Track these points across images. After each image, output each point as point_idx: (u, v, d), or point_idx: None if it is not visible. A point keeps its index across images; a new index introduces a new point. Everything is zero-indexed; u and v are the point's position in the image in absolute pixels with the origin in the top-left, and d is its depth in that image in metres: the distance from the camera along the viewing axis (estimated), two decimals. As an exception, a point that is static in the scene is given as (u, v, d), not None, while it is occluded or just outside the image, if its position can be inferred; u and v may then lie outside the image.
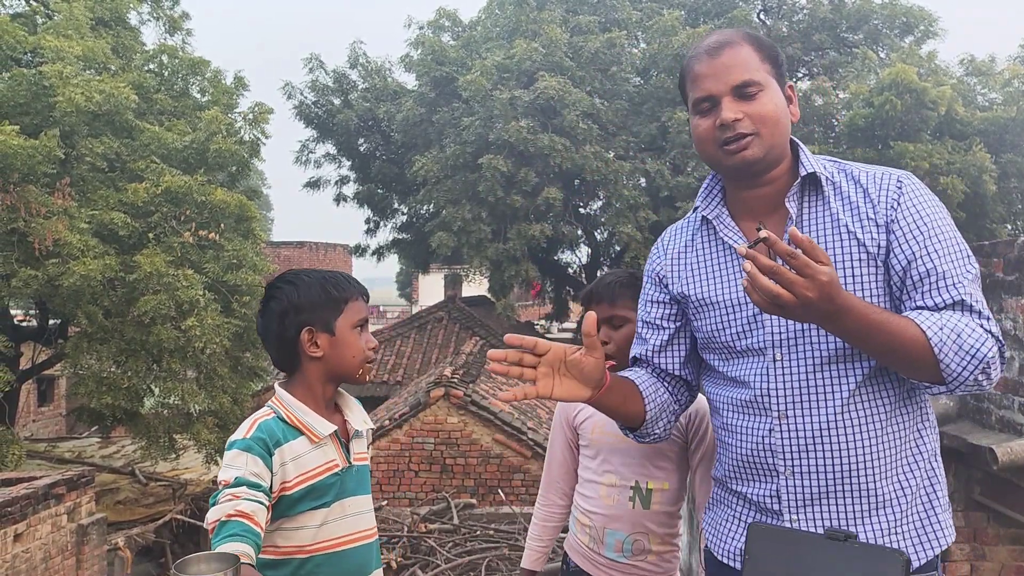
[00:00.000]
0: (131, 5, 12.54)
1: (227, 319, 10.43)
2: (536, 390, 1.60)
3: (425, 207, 16.32)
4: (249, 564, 1.57)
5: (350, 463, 1.86)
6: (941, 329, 1.47)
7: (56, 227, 9.33)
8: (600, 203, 16.30)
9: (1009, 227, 15.09)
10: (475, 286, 20.22)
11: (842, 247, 1.60)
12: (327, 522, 1.79)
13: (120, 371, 10.59)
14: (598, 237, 17.44)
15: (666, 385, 1.85)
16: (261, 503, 1.66)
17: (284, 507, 1.75)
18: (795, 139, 1.70)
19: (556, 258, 17.86)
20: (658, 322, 1.85)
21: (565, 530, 2.44)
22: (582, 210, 16.54)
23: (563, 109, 13.67)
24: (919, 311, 1.52)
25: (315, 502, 1.77)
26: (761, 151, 1.61)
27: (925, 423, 1.66)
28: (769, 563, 1.58)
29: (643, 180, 15.31)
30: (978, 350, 1.47)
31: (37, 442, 14.28)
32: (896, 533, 1.60)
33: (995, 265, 3.63)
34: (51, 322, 11.93)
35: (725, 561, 1.77)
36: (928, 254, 1.55)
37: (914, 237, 1.56)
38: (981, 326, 1.50)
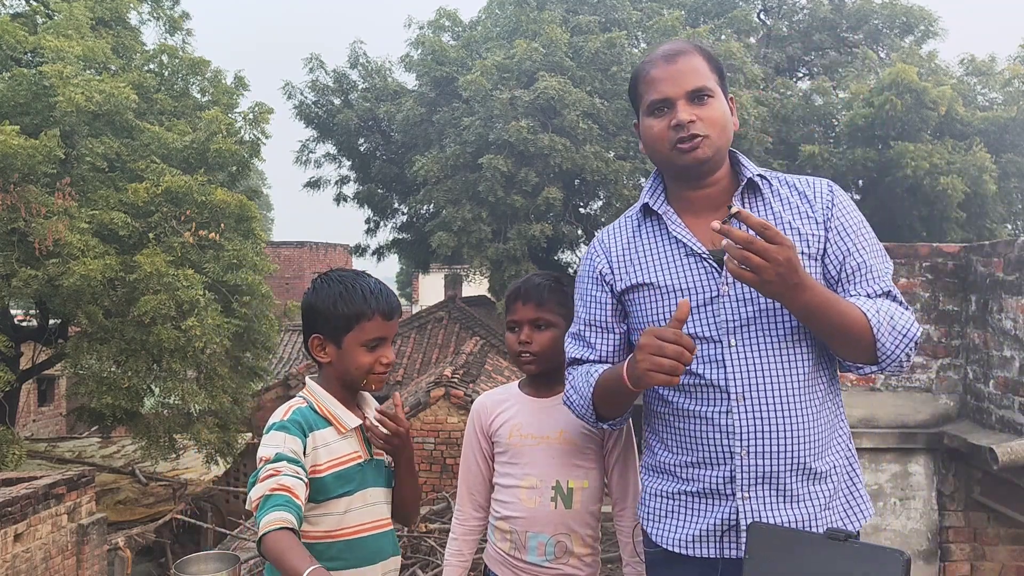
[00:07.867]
0: (131, 5, 12.54)
1: (227, 319, 10.43)
2: None
3: (425, 207, 16.27)
4: (291, 530, 1.61)
5: (371, 456, 1.96)
6: (878, 312, 1.66)
7: (56, 227, 9.33)
8: (600, 203, 16.27)
9: (1009, 227, 15.07)
10: (475, 286, 20.21)
11: None
12: (350, 510, 1.88)
13: (120, 371, 10.60)
14: (598, 237, 17.42)
15: None
16: (300, 478, 1.73)
17: (314, 492, 1.82)
18: (733, 149, 1.83)
19: (556, 258, 17.79)
20: (608, 323, 1.89)
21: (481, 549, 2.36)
22: (582, 210, 16.52)
23: (563, 109, 13.65)
24: (855, 298, 1.70)
25: (342, 489, 1.86)
26: (710, 151, 1.73)
27: (841, 408, 1.85)
28: (769, 563, 1.58)
29: (643, 180, 15.31)
30: (908, 330, 1.67)
31: (37, 442, 14.27)
32: (829, 508, 1.74)
33: (995, 265, 3.62)
34: (51, 322, 11.93)
35: (674, 550, 1.79)
36: (859, 250, 1.75)
37: (848, 235, 1.76)
38: (906, 312, 1.72)
